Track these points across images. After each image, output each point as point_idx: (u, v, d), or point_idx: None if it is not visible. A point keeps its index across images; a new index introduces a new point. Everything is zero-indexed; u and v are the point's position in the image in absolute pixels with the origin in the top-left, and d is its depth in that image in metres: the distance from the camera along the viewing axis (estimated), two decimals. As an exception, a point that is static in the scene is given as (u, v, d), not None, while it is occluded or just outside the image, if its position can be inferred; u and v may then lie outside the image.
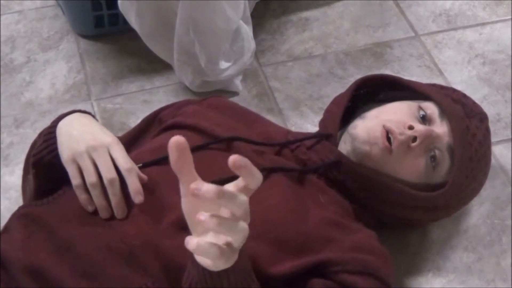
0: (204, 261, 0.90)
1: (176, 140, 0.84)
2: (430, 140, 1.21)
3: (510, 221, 1.41)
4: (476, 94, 1.61)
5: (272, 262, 1.08)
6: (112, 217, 1.11)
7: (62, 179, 1.17)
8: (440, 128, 1.23)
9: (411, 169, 1.22)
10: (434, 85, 1.38)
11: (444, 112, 1.25)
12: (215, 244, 0.85)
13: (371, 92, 1.36)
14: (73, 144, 1.12)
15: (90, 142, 1.12)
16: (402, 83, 1.34)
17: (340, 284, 1.10)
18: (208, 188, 0.81)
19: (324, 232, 1.14)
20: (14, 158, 1.53)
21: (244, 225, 0.86)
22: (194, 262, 0.91)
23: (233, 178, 0.89)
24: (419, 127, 1.20)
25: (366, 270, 1.11)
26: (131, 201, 1.11)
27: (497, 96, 1.64)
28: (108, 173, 1.10)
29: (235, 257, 0.90)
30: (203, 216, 0.82)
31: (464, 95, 1.33)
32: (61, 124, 1.17)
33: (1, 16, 1.84)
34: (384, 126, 1.20)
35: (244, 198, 0.84)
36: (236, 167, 0.81)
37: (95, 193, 1.10)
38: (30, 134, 1.57)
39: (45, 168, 1.18)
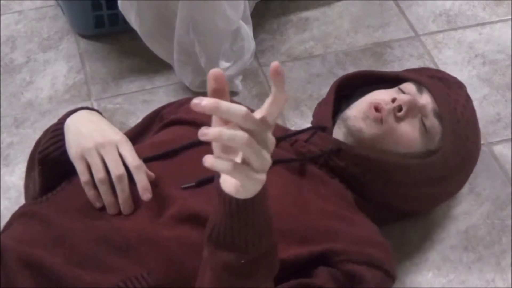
0: (235, 184, 0.87)
1: (216, 72, 0.85)
2: (415, 109, 1.25)
3: (510, 221, 1.41)
4: (476, 94, 1.61)
5: None
6: (118, 213, 1.12)
7: (68, 176, 1.18)
8: (423, 99, 1.28)
9: (406, 138, 1.25)
10: (408, 69, 1.43)
11: (423, 86, 1.29)
12: (233, 160, 0.83)
13: (350, 93, 1.38)
14: (81, 140, 1.13)
15: (99, 139, 1.12)
16: (377, 75, 1.39)
17: (346, 273, 1.10)
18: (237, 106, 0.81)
19: (326, 224, 1.14)
20: (14, 158, 1.53)
21: (267, 155, 0.84)
22: (221, 195, 0.89)
23: None
24: (402, 96, 1.25)
25: (371, 262, 1.12)
26: (133, 197, 1.12)
27: (497, 96, 1.64)
28: (117, 169, 1.10)
29: (263, 178, 0.86)
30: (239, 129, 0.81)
31: (438, 70, 1.39)
32: (69, 121, 1.18)
33: (1, 16, 1.85)
34: (371, 103, 1.25)
35: (267, 132, 0.84)
36: (275, 73, 0.81)
37: (103, 189, 1.11)
38: (30, 134, 1.57)
39: (51, 164, 1.19)
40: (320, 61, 1.73)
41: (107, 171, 1.12)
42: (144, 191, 1.10)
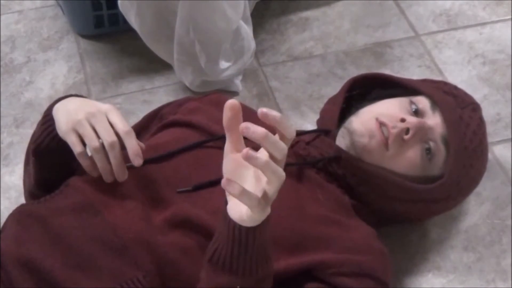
0: (240, 213, 0.92)
1: (232, 102, 0.91)
2: (423, 132, 1.22)
3: (510, 221, 1.41)
4: (476, 94, 1.60)
5: None
6: (110, 204, 1.12)
7: (62, 165, 1.19)
8: (433, 119, 1.25)
9: (407, 162, 1.23)
10: (425, 80, 1.40)
11: (436, 104, 1.26)
12: (254, 191, 0.89)
13: (363, 92, 1.37)
14: (71, 115, 1.12)
15: (88, 109, 1.12)
16: (393, 81, 1.35)
17: (335, 287, 1.10)
18: (256, 128, 0.86)
19: (320, 230, 1.14)
20: (14, 158, 1.53)
21: (282, 171, 0.89)
22: (226, 219, 0.94)
23: None
24: (411, 119, 1.22)
25: (362, 271, 1.12)
26: (127, 195, 1.12)
27: (497, 96, 1.64)
28: (108, 137, 1.10)
29: (268, 209, 0.93)
30: (252, 151, 0.86)
31: (455, 87, 1.34)
32: (57, 106, 1.17)
33: (1, 16, 1.85)
34: (377, 119, 1.22)
35: (284, 145, 0.88)
36: (265, 119, 0.87)
37: (98, 157, 1.10)
38: (30, 134, 1.56)
39: (45, 154, 1.19)
40: (320, 61, 1.73)
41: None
42: (135, 156, 1.09)
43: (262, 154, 0.88)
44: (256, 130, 0.86)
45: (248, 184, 0.91)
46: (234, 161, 0.93)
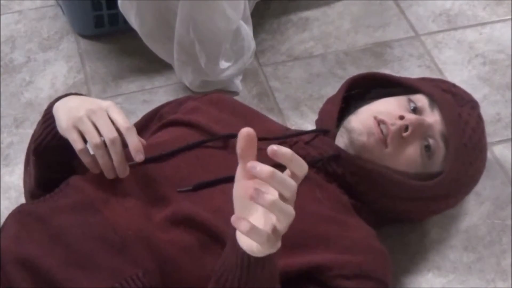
0: (250, 244, 0.91)
1: (247, 131, 0.89)
2: (422, 129, 1.23)
3: (510, 221, 1.41)
4: (476, 94, 1.60)
5: None
6: (110, 202, 1.11)
7: (62, 164, 1.19)
8: (432, 117, 1.25)
9: (407, 159, 1.23)
10: (423, 78, 1.40)
11: (435, 102, 1.26)
12: (263, 228, 0.88)
13: (362, 92, 1.37)
14: (72, 112, 1.12)
15: (89, 106, 1.11)
16: (391, 80, 1.36)
17: None
18: (263, 167, 0.85)
19: (320, 229, 1.14)
20: (14, 158, 1.53)
21: (291, 209, 0.89)
22: (235, 247, 0.93)
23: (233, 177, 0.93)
24: (410, 116, 1.22)
25: (362, 273, 1.12)
26: (127, 193, 1.12)
27: (497, 96, 1.64)
28: (110, 133, 1.09)
29: (278, 243, 0.92)
30: (256, 193, 0.85)
31: (454, 85, 1.34)
32: (57, 104, 1.17)
33: (1, 16, 1.85)
34: (375, 117, 1.22)
35: (293, 183, 0.88)
36: (276, 157, 0.85)
37: (100, 154, 1.10)
38: (30, 134, 1.56)
39: (45, 153, 1.19)
40: (320, 61, 1.73)
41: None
42: (137, 152, 1.09)
43: (270, 192, 0.87)
44: (262, 170, 0.85)
45: (257, 217, 0.90)
46: (244, 191, 0.91)
